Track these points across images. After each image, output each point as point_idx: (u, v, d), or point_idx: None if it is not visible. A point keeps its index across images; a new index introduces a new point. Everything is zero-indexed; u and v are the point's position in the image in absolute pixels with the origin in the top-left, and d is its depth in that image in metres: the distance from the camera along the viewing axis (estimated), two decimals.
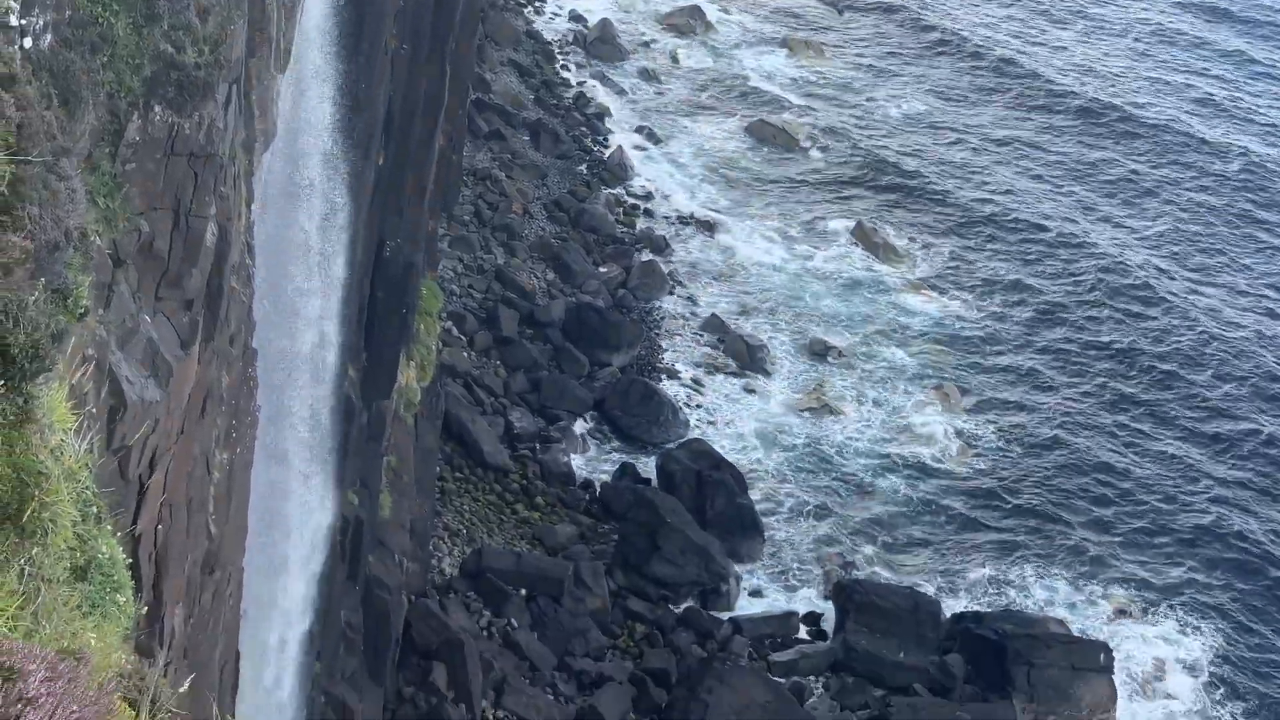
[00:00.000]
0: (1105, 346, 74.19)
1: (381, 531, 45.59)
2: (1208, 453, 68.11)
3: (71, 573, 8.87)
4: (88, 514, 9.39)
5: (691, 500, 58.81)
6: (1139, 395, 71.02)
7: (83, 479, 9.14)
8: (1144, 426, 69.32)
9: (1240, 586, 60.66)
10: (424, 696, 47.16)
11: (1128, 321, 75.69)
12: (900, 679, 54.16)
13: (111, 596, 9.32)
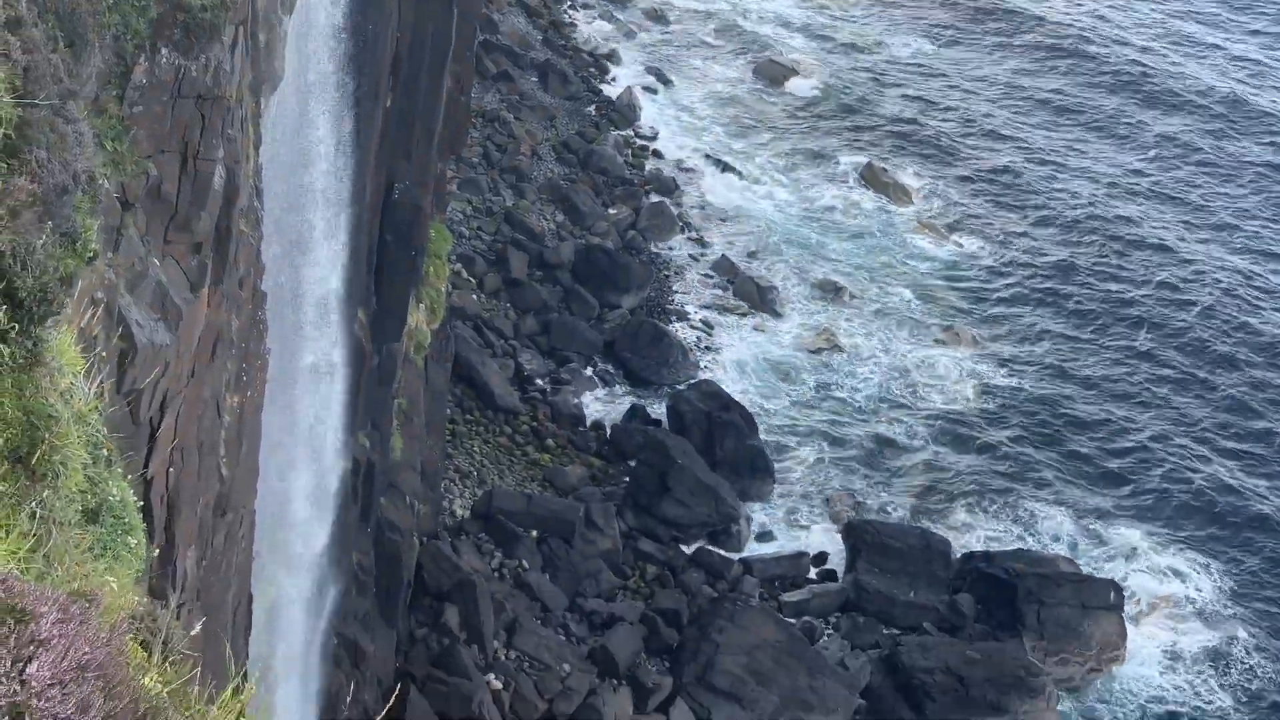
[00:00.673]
0: (1119, 291, 74.03)
1: (393, 474, 45.70)
2: (1222, 397, 68.04)
3: (83, 515, 8.89)
4: (98, 457, 9.41)
5: (701, 441, 58.88)
6: (1153, 341, 70.87)
7: (92, 422, 9.16)
8: (1159, 370, 69.23)
9: (1251, 527, 60.73)
10: (436, 637, 47.39)
11: (1141, 268, 75.48)
12: (911, 618, 54.37)
13: (123, 539, 9.34)
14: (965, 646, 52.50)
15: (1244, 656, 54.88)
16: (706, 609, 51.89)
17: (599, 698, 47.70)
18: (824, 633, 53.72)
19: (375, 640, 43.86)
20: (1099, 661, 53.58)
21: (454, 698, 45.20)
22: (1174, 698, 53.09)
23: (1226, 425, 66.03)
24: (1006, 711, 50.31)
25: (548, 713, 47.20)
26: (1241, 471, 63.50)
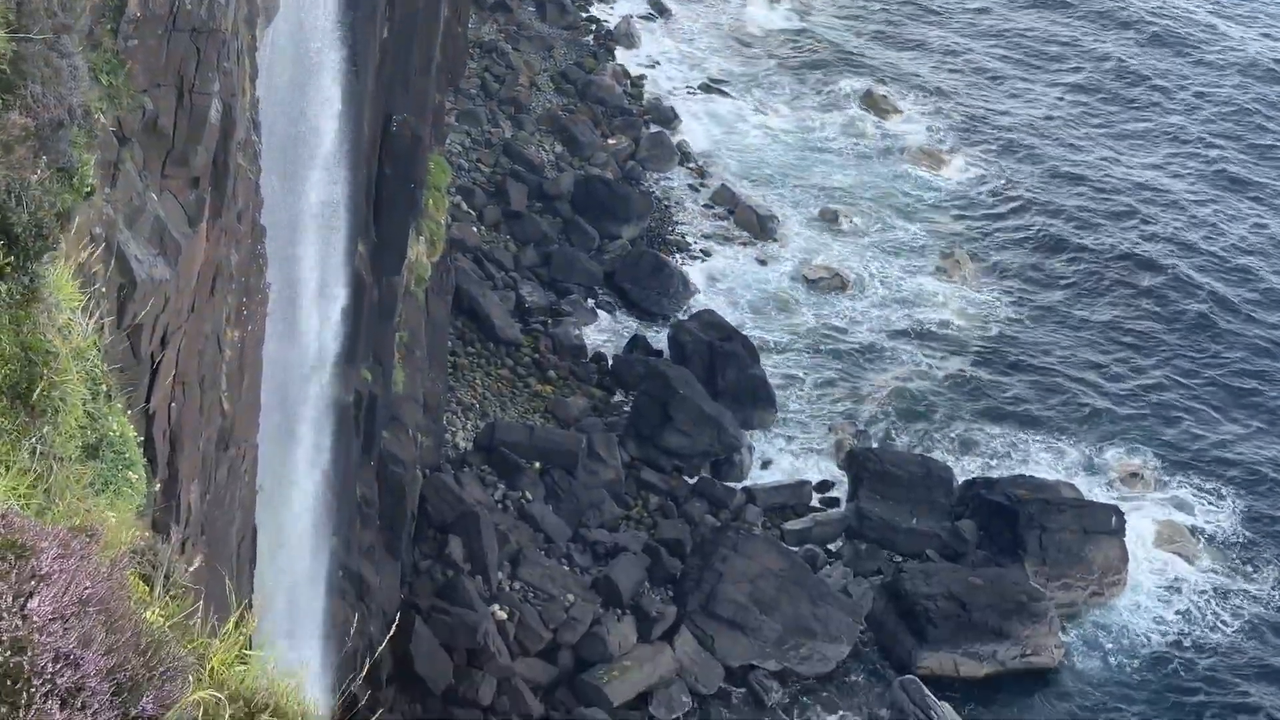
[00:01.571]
0: (1122, 227, 73.79)
1: (395, 407, 45.75)
2: (1231, 318, 67.97)
3: (83, 451, 8.90)
4: (97, 392, 9.41)
5: (703, 371, 58.90)
6: (1158, 275, 70.71)
7: (91, 357, 9.15)
8: (1164, 302, 69.12)
9: (1255, 453, 60.83)
10: (440, 569, 47.59)
11: (1145, 206, 75.20)
12: (913, 545, 54.56)
13: (123, 474, 9.35)
14: (967, 572, 52.72)
15: (1245, 585, 55.11)
16: (709, 538, 52.07)
17: (603, 627, 47.95)
18: (826, 560, 53.93)
19: (379, 573, 44.06)
20: (1100, 586, 53.82)
21: (459, 629, 45.44)
22: (1174, 624, 53.34)
23: (1234, 357, 66.00)
24: (1009, 636, 50.58)
25: (552, 642, 47.47)
26: (1248, 403, 63.54)
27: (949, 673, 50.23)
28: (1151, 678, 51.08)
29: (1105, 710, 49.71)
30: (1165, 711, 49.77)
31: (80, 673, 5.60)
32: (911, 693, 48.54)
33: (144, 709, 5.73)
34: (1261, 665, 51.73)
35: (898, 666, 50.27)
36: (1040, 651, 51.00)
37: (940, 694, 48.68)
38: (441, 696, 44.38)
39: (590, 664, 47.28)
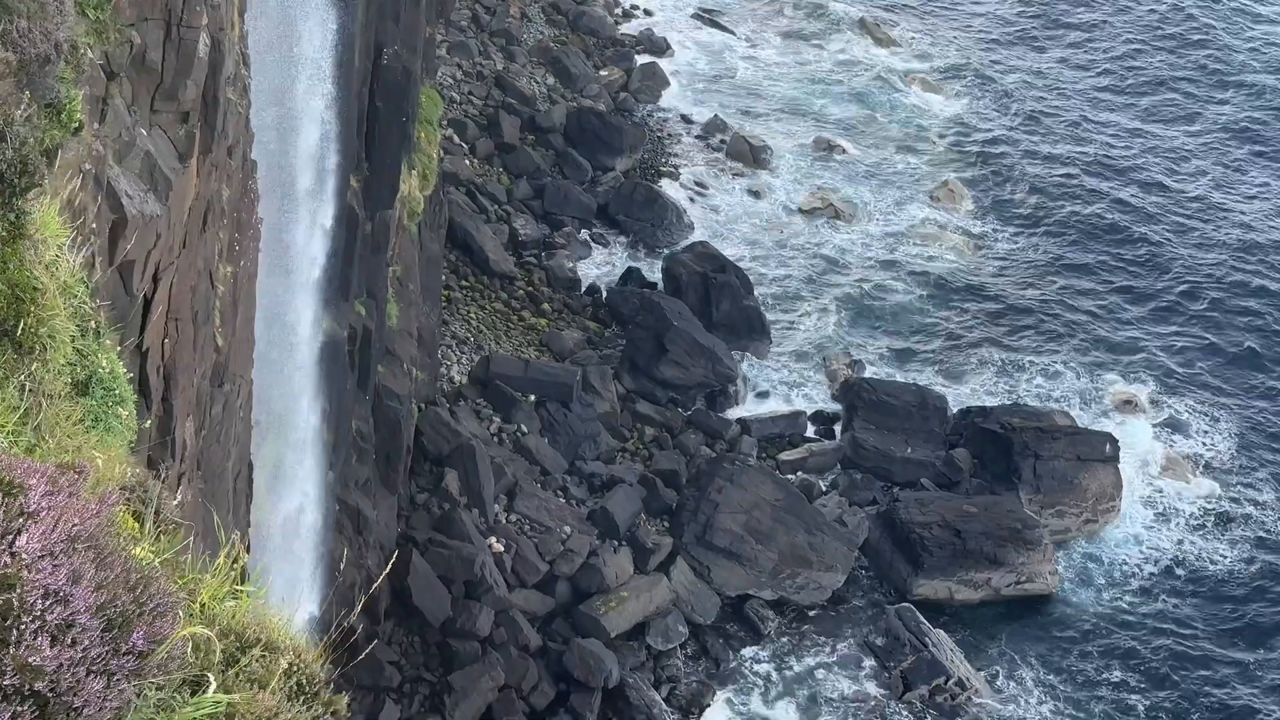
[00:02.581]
0: (1119, 150, 73.63)
1: (390, 341, 45.74)
2: (1224, 248, 67.94)
3: (72, 388, 8.89)
4: (86, 329, 9.39)
5: (697, 303, 58.89)
6: (1154, 196, 70.62)
7: (79, 293, 9.12)
8: (1161, 225, 69.04)
9: (1250, 380, 60.91)
10: (437, 502, 47.73)
11: (1140, 127, 75.00)
12: (908, 474, 54.73)
13: (113, 410, 9.35)
14: (962, 501, 52.90)
15: (1240, 511, 55.29)
16: (705, 469, 52.19)
17: (599, 559, 48.13)
18: (822, 490, 54.08)
19: (376, 506, 44.18)
20: (1095, 513, 54.03)
21: (455, 561, 45.62)
22: (1169, 550, 53.57)
23: (1228, 285, 66.00)
24: (1003, 564, 50.82)
25: (549, 574, 47.65)
26: (1244, 331, 63.55)
27: (944, 600, 50.50)
28: (1146, 603, 51.36)
29: (1100, 636, 50.00)
30: (1160, 636, 50.07)
31: (70, 609, 5.61)
32: (907, 620, 48.81)
33: (134, 644, 5.74)
34: (1255, 590, 52.00)
35: (893, 595, 50.54)
36: (1035, 578, 51.25)
37: (936, 621, 48.96)
38: (439, 628, 44.61)
39: (587, 595, 47.50)
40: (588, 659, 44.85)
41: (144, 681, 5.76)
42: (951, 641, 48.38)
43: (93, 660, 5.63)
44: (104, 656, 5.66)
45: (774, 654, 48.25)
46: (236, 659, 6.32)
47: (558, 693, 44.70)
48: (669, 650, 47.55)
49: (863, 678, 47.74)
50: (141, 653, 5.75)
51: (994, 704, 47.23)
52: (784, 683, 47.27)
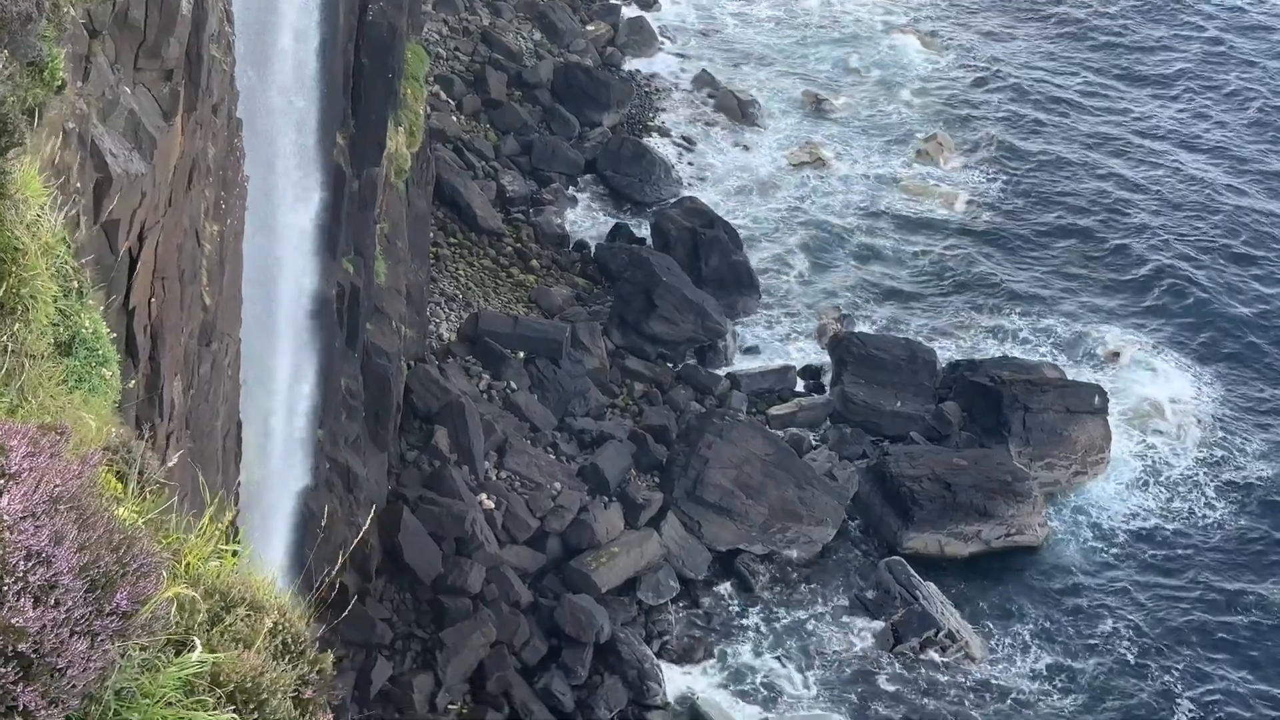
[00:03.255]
0: (1107, 103, 73.54)
1: (378, 299, 45.66)
2: (1215, 198, 67.92)
3: (55, 348, 8.85)
4: (69, 289, 9.34)
5: (686, 258, 58.83)
6: (1144, 146, 70.54)
7: (61, 253, 9.07)
8: (1150, 176, 69.01)
9: (1240, 332, 60.96)
10: (427, 460, 47.75)
11: (1135, 78, 74.84)
12: (897, 428, 54.79)
13: (97, 370, 9.31)
14: (952, 454, 53.00)
15: (1228, 462, 55.43)
16: (695, 424, 52.24)
17: (590, 514, 48.21)
18: (811, 445, 54.14)
19: (366, 464, 44.19)
20: (1084, 465, 54.16)
21: (446, 518, 45.66)
22: (1158, 501, 53.71)
23: (1217, 236, 66.00)
24: (993, 516, 50.95)
25: (540, 530, 47.73)
26: (1233, 283, 63.58)
27: (934, 553, 50.64)
28: (1135, 554, 51.54)
29: (1089, 587, 50.18)
30: (1148, 588, 50.27)
31: (52, 570, 5.60)
32: (897, 573, 48.96)
33: (118, 605, 5.73)
34: (1243, 542, 52.19)
35: (884, 548, 50.66)
36: (1024, 531, 51.40)
37: (926, 574, 49.11)
38: (431, 585, 44.68)
39: (578, 551, 47.58)
40: (579, 614, 44.96)
41: (128, 642, 5.75)
42: (942, 594, 48.53)
43: (76, 621, 5.62)
44: (87, 617, 5.65)
45: (765, 608, 48.40)
46: (221, 619, 6.32)
47: (549, 648, 44.83)
48: (660, 605, 47.68)
49: (853, 631, 47.91)
50: (125, 613, 5.74)
51: (984, 656, 47.42)
52: (775, 636, 47.43)
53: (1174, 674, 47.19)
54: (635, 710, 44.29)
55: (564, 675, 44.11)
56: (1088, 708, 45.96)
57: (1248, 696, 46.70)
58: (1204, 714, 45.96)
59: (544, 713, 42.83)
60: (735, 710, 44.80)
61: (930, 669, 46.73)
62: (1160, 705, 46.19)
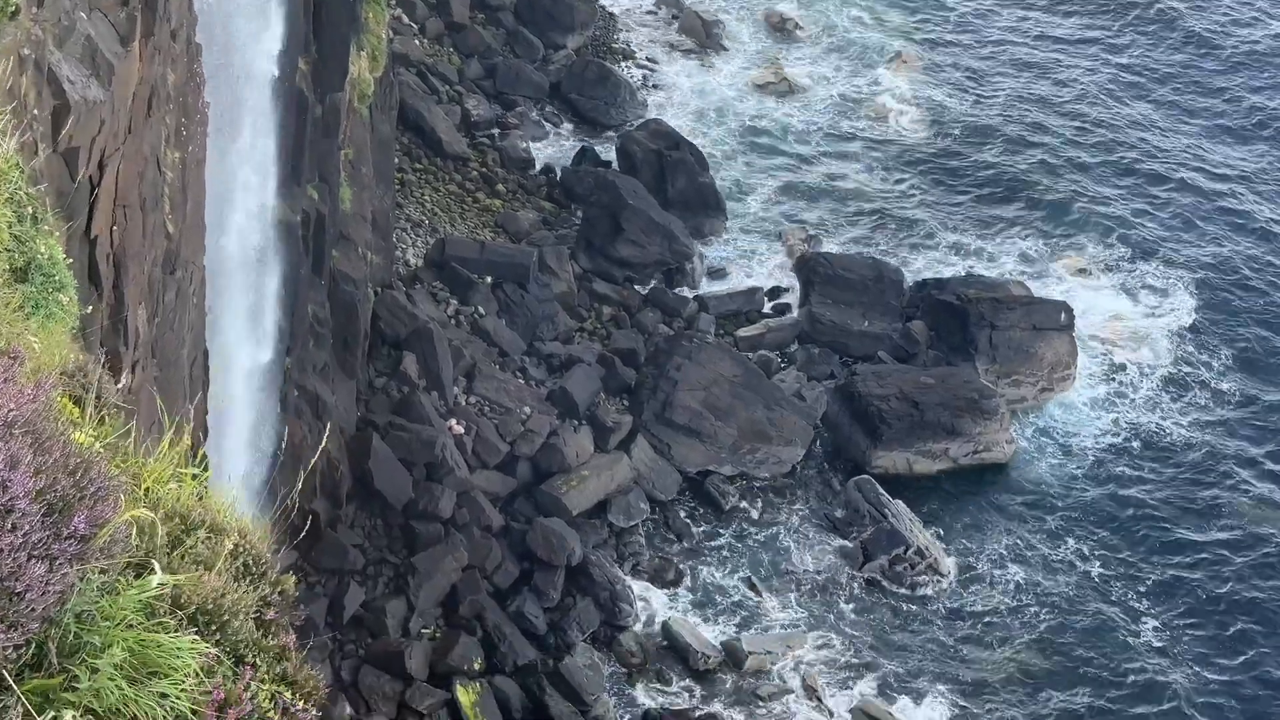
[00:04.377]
0: (1080, 17, 73.32)
1: (343, 225, 45.46)
2: (1180, 112, 67.96)
3: (11, 274, 8.79)
4: (24, 215, 9.27)
5: (652, 180, 58.68)
6: (1115, 60, 70.42)
7: (14, 179, 8.99)
8: (1118, 91, 68.93)
9: (1206, 248, 61.11)
10: (396, 386, 47.70)
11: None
12: (865, 347, 54.92)
13: (54, 296, 9.25)
14: (919, 372, 53.17)
15: (1195, 377, 55.71)
16: (663, 347, 52.27)
17: (560, 438, 48.28)
18: (780, 365, 54.25)
19: (335, 391, 44.14)
20: (1050, 382, 54.40)
21: (416, 444, 45.69)
22: (1124, 417, 54.00)
23: (1183, 148, 66.07)
24: (961, 434, 51.21)
25: (510, 455, 47.79)
26: (1199, 197, 63.69)
27: (903, 471, 50.90)
28: (1100, 470, 51.88)
29: (1056, 503, 50.52)
30: (1114, 503, 50.63)
31: (9, 494, 5.59)
32: (866, 492, 49.23)
33: (76, 528, 5.73)
34: (1207, 456, 52.54)
35: (853, 467, 50.89)
36: (992, 448, 51.68)
37: (895, 492, 49.39)
38: (402, 511, 44.77)
39: (548, 475, 47.69)
40: (550, 538, 45.13)
41: (87, 565, 5.75)
42: (910, 512, 48.83)
43: (34, 545, 5.62)
44: (45, 541, 5.65)
45: (735, 528, 48.64)
46: (181, 541, 6.32)
47: (521, 571, 45.01)
48: (631, 527, 47.88)
49: (823, 550, 48.21)
50: (84, 537, 5.74)
51: (953, 573, 47.79)
52: (745, 556, 47.70)
53: (1140, 591, 47.63)
54: (607, 631, 44.56)
55: (536, 598, 44.31)
56: (1055, 625, 46.38)
57: (1214, 612, 47.17)
58: (1170, 630, 46.43)
59: (517, 635, 43.06)
60: (707, 630, 45.12)
61: (899, 586, 47.07)
62: (1127, 622, 46.62)
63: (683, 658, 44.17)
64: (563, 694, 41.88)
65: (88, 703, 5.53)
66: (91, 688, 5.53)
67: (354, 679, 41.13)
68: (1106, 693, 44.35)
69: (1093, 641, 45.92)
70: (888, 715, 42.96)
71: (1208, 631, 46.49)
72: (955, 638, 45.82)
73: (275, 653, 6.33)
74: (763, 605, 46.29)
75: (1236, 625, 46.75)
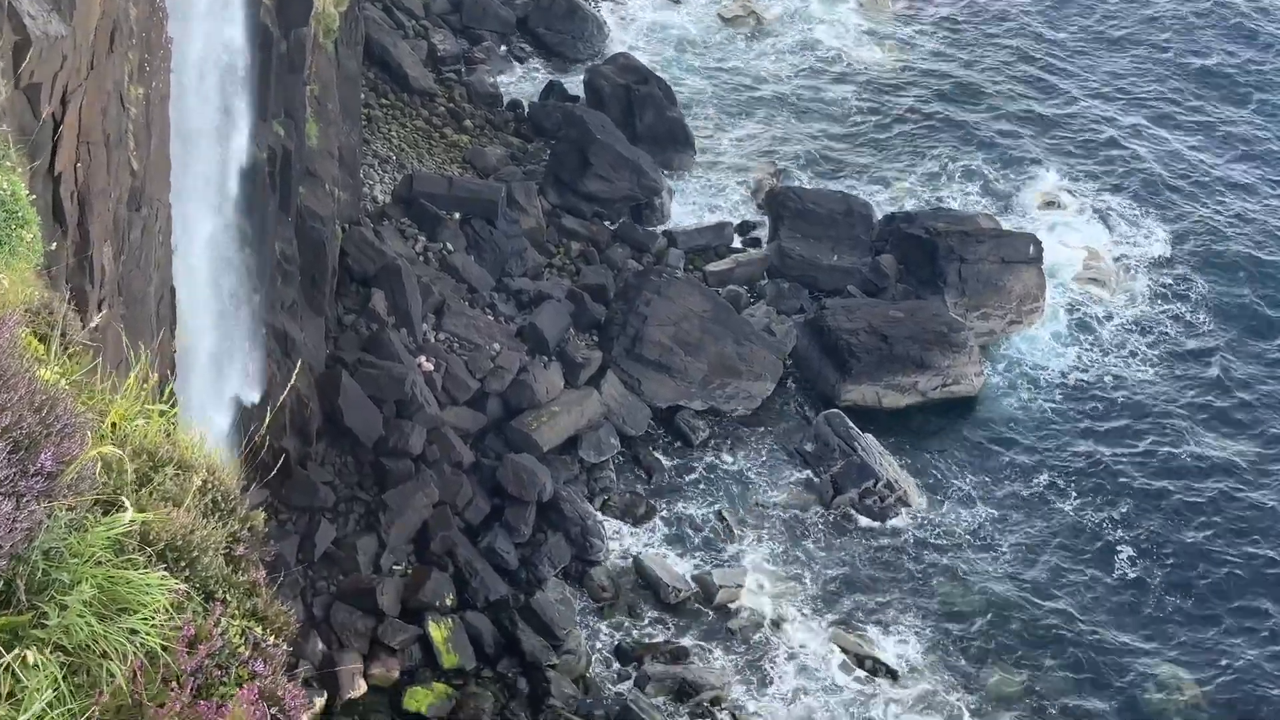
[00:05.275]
0: None
1: (310, 161, 45.18)
2: (1156, 39, 67.86)
3: None
4: None
5: (620, 115, 58.45)
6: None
7: None
8: (1088, 26, 68.79)
9: (1179, 178, 61.18)
10: (365, 323, 47.58)
11: None
12: (834, 281, 54.95)
13: (17, 233, 9.16)
14: (888, 306, 53.24)
15: (1165, 311, 55.89)
16: (632, 282, 52.20)
17: (530, 374, 48.25)
18: (749, 300, 54.25)
19: (304, 328, 44.00)
20: (1019, 315, 54.53)
21: (386, 381, 45.62)
22: (1092, 350, 54.18)
23: (1156, 83, 66.03)
24: (930, 367, 51.36)
25: (480, 391, 47.76)
26: (1172, 126, 63.72)
27: (872, 405, 51.05)
28: (1069, 404, 52.09)
29: (1025, 436, 50.74)
30: (1082, 436, 50.88)
31: None
32: (836, 426, 49.37)
33: (42, 465, 5.70)
34: (1175, 389, 52.80)
35: (822, 401, 51.01)
36: (961, 381, 51.85)
37: (864, 426, 49.52)
38: (372, 448, 44.75)
39: (518, 411, 47.69)
40: (521, 474, 45.18)
41: (54, 502, 5.72)
42: (880, 445, 49.00)
43: (0, 482, 5.58)
44: (11, 478, 5.61)
45: (705, 463, 48.76)
46: (149, 478, 6.29)
47: (492, 507, 45.08)
48: (601, 463, 47.96)
49: (793, 484, 48.39)
50: (50, 473, 5.71)
51: (923, 506, 48.02)
52: (716, 490, 47.84)
53: (1112, 521, 47.92)
54: (579, 567, 44.71)
55: (507, 534, 44.40)
56: (1024, 557, 46.68)
57: (1184, 543, 47.50)
58: (1144, 562, 46.72)
59: (488, 571, 43.17)
60: (678, 564, 45.30)
61: (869, 519, 47.29)
62: (1098, 554, 46.94)
63: (654, 592, 44.36)
64: (534, 629, 42.04)
65: (57, 639, 5.52)
66: (61, 624, 5.51)
67: (326, 615, 41.22)
68: (1075, 624, 44.70)
69: (1063, 573, 46.23)
70: (858, 645, 43.27)
71: (1178, 561, 46.83)
72: (925, 570, 46.10)
73: (245, 588, 6.33)
74: (733, 539, 46.47)
75: (1207, 554, 47.08)
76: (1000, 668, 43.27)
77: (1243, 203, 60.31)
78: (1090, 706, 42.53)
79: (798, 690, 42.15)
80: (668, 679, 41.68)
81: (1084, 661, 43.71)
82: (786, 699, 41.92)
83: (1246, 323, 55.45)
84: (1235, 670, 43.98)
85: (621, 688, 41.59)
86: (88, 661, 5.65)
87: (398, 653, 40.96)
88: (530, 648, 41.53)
